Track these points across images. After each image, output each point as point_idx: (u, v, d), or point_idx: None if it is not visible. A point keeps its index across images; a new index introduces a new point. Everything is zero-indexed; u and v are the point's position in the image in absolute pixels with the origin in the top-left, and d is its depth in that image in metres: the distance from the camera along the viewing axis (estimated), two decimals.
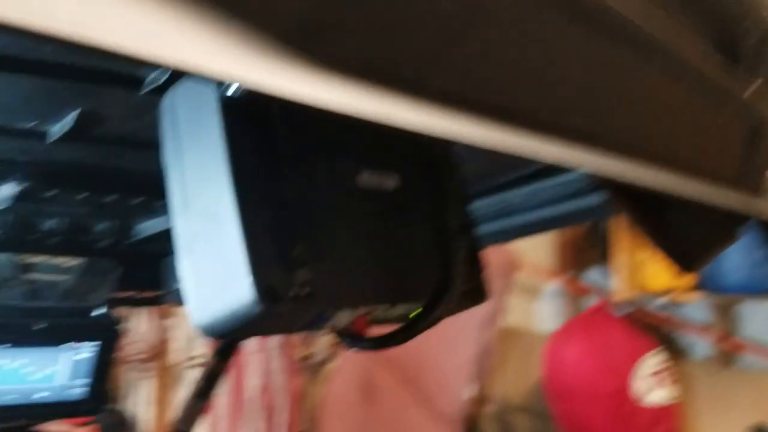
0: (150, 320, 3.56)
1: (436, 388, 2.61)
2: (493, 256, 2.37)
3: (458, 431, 2.53)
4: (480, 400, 2.53)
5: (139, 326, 3.55)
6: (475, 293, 0.78)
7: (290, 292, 0.58)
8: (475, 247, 0.79)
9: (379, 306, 0.68)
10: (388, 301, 0.68)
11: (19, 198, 0.92)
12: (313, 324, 0.64)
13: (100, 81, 0.73)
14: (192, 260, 0.60)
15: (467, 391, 2.49)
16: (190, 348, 3.43)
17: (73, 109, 0.78)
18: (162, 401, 3.50)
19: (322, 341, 2.81)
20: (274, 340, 2.98)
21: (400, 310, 0.71)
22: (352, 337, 0.67)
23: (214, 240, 0.59)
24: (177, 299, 1.17)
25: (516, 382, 2.46)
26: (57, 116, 0.79)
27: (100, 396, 1.16)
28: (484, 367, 2.45)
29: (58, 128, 0.81)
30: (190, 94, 0.64)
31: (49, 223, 1.06)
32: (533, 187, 1.22)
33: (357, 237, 0.67)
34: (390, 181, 0.73)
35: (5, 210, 0.96)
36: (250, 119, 0.62)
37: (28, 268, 1.19)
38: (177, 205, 0.62)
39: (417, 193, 0.75)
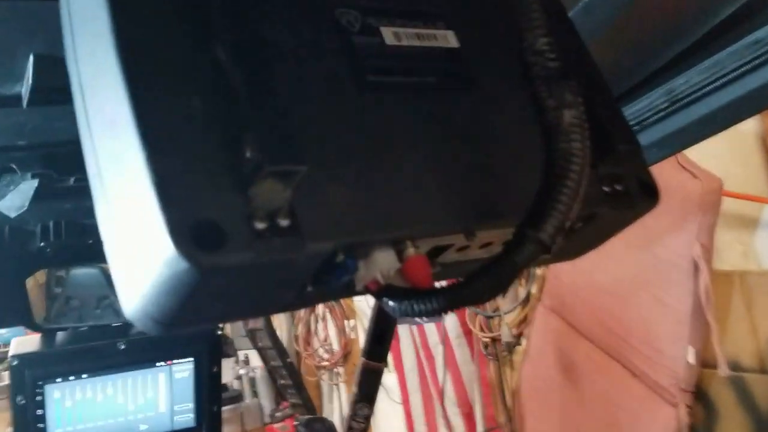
0: (332, 325, 3.48)
1: (650, 357, 2.24)
2: (688, 182, 1.96)
3: (685, 403, 2.14)
4: (705, 364, 2.13)
5: (320, 332, 3.48)
6: (629, 194, 0.46)
7: (247, 227, 0.33)
8: (610, 110, 0.48)
9: (445, 237, 0.40)
10: (459, 227, 0.40)
11: (42, 193, 0.76)
12: (328, 280, 0.38)
13: None
14: (104, 207, 0.37)
15: (689, 355, 2.09)
16: None
17: (25, 56, 0.59)
18: None
19: (505, 323, 2.52)
20: (455, 330, 2.73)
21: (487, 242, 0.42)
22: (408, 296, 0.38)
23: (119, 162, 0.35)
24: None
25: (744, 336, 2.01)
26: (12, 70, 0.61)
27: (211, 421, 0.98)
28: (704, 322, 2.04)
29: (25, 88, 0.62)
30: None
31: None
32: (708, 62, 0.86)
33: (389, 126, 0.40)
34: (441, 39, 0.45)
35: (37, 212, 0.80)
36: None
37: None
38: (81, 126, 0.39)
39: (488, 50, 0.46)
